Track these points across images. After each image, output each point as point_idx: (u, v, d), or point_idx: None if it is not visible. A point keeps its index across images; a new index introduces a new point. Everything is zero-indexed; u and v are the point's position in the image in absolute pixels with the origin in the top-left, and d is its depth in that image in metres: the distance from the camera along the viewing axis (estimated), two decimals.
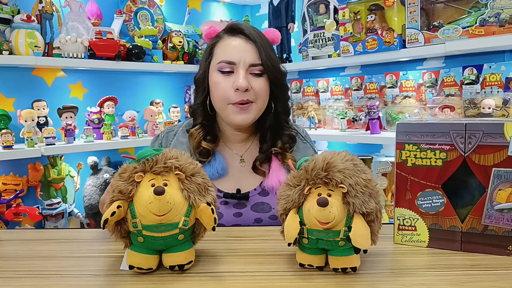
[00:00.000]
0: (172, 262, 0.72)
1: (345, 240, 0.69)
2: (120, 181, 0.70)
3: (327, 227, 0.67)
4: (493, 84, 1.77)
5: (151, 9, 2.53)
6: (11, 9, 1.89)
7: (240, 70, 1.05)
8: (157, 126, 2.33)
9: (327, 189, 0.69)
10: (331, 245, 0.70)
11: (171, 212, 0.68)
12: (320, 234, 0.69)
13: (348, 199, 0.68)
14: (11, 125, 1.92)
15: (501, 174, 0.77)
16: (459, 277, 0.69)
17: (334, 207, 0.66)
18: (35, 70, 2.12)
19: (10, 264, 0.79)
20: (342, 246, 0.70)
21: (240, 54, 1.05)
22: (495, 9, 1.61)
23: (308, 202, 0.70)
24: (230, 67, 1.06)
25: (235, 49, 1.06)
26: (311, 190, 0.70)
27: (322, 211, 0.66)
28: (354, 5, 2.06)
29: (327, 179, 0.68)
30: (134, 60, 2.24)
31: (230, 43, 1.08)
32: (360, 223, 0.68)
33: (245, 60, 1.05)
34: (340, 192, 0.68)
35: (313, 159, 0.71)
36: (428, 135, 0.81)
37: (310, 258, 0.73)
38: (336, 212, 0.66)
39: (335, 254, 0.71)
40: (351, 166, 0.69)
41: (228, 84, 1.05)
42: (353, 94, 2.28)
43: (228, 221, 1.08)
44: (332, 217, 0.66)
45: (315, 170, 0.69)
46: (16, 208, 1.86)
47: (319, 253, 0.72)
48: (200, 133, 1.12)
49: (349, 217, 0.68)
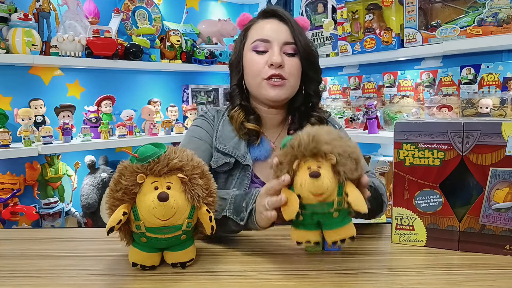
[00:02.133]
0: (174, 259, 0.73)
1: (339, 210, 0.70)
2: (124, 181, 0.70)
3: (321, 198, 0.68)
4: (490, 84, 1.78)
5: (149, 7, 2.52)
6: (8, 7, 1.88)
7: (274, 48, 1.07)
8: (154, 125, 2.33)
9: (316, 161, 0.69)
10: (326, 218, 0.71)
11: (175, 216, 0.68)
12: (315, 207, 0.70)
13: (338, 169, 0.69)
14: (8, 124, 1.92)
15: (498, 173, 0.77)
16: (457, 276, 0.70)
17: (326, 178, 0.67)
18: (32, 68, 2.11)
19: (7, 263, 0.79)
20: (336, 217, 0.71)
21: (274, 32, 1.09)
22: (492, 9, 1.61)
23: (298, 177, 0.70)
24: (265, 46, 1.08)
25: (269, 28, 1.10)
26: (300, 165, 0.70)
27: (316, 183, 0.67)
28: (352, 5, 2.07)
29: (316, 151, 0.69)
30: (132, 59, 2.23)
31: (264, 24, 1.11)
32: (354, 188, 0.70)
33: (279, 38, 1.08)
34: (329, 163, 0.69)
35: (296, 136, 0.72)
36: (426, 135, 0.81)
37: (306, 234, 0.73)
38: (328, 183, 0.67)
39: (331, 227, 0.72)
40: (337, 137, 0.71)
41: (263, 61, 1.08)
42: (351, 94, 2.28)
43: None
44: (326, 188, 0.67)
45: (302, 145, 0.70)
46: (13, 207, 1.85)
47: (314, 228, 0.73)
48: (241, 114, 1.13)
49: (340, 186, 0.69)
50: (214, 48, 2.66)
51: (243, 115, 1.13)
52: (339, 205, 0.69)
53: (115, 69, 2.30)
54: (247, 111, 1.14)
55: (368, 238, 0.90)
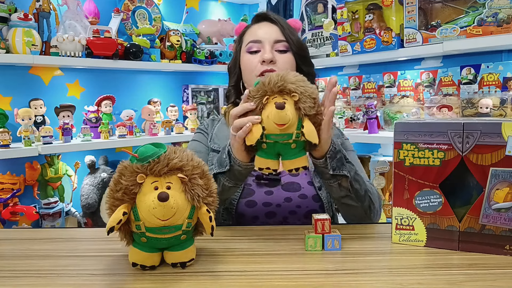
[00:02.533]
0: (174, 259, 0.73)
1: (296, 142, 0.82)
2: (124, 181, 0.70)
3: (283, 128, 0.79)
4: (490, 84, 1.78)
5: (149, 7, 2.53)
6: (8, 7, 1.88)
7: (266, 46, 1.14)
8: (154, 125, 2.33)
9: (282, 98, 0.81)
10: (285, 148, 0.83)
11: (175, 216, 0.68)
12: (277, 137, 0.81)
13: (299, 105, 0.81)
14: (8, 124, 1.92)
15: (498, 173, 0.77)
16: (457, 276, 0.70)
17: (289, 111, 0.78)
18: (32, 68, 2.11)
19: (7, 263, 0.79)
20: (294, 148, 0.83)
21: (265, 33, 1.16)
22: (492, 9, 1.61)
23: (266, 110, 0.81)
24: (257, 46, 1.15)
25: (260, 30, 1.18)
26: (268, 99, 0.81)
27: (280, 113, 0.77)
28: (352, 5, 2.07)
29: (282, 88, 0.80)
30: (132, 59, 2.23)
31: (256, 28, 1.20)
32: (309, 123, 0.82)
33: (269, 38, 1.15)
34: (292, 100, 0.81)
35: (268, 75, 0.83)
36: (426, 135, 0.81)
37: (267, 161, 0.85)
38: (290, 115, 0.78)
39: (288, 157, 0.84)
40: (301, 80, 0.83)
41: (255, 60, 1.15)
42: (351, 94, 2.28)
43: (259, 199, 1.11)
44: (288, 119, 0.78)
45: (271, 82, 0.81)
46: (13, 207, 1.85)
47: (275, 157, 0.85)
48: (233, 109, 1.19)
49: (300, 121, 0.81)
50: (214, 48, 2.66)
51: None
52: (297, 137, 0.81)
53: (115, 69, 2.30)
54: None
55: (368, 238, 0.90)
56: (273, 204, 1.11)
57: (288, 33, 1.16)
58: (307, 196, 1.12)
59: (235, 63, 1.23)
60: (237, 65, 1.22)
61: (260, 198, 1.11)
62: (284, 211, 1.11)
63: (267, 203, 1.11)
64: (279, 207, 1.10)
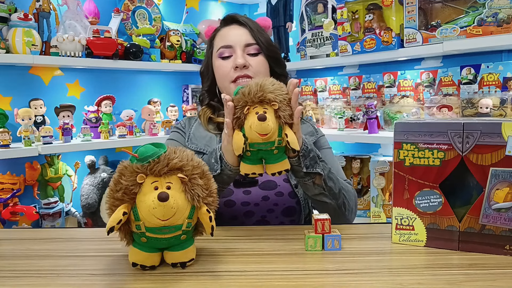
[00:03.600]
0: (174, 259, 0.73)
1: (278, 148, 0.86)
2: (124, 181, 0.70)
3: (265, 138, 0.83)
4: (490, 84, 1.78)
5: (149, 7, 2.52)
6: (8, 7, 1.88)
7: (237, 51, 1.14)
8: (154, 125, 2.33)
9: (263, 107, 0.84)
10: (268, 154, 0.87)
11: (175, 216, 0.68)
12: (260, 145, 0.85)
13: (279, 113, 0.85)
14: (8, 124, 1.92)
15: (498, 173, 0.77)
16: (457, 276, 0.70)
17: (270, 121, 0.82)
18: (32, 68, 2.11)
19: (7, 263, 0.79)
20: (276, 154, 0.87)
21: (235, 37, 1.16)
22: (492, 9, 1.61)
23: (248, 120, 0.84)
24: (229, 51, 1.16)
25: (230, 34, 1.17)
26: (249, 110, 0.84)
27: (262, 124, 0.81)
28: (352, 5, 2.06)
29: (262, 98, 0.84)
30: (132, 59, 2.23)
31: (226, 31, 1.19)
32: (291, 131, 0.86)
33: (240, 42, 1.15)
34: (272, 109, 0.84)
35: (247, 85, 0.86)
36: (426, 135, 0.81)
37: (252, 167, 0.89)
38: (272, 125, 0.82)
39: (271, 162, 0.89)
40: (279, 87, 0.86)
41: (228, 65, 1.15)
42: (351, 94, 2.28)
43: (238, 198, 1.13)
44: (270, 129, 0.82)
45: (251, 93, 0.84)
46: (13, 207, 1.85)
47: (258, 163, 0.89)
48: (207, 111, 1.22)
49: (280, 128, 0.85)
50: None
51: (210, 112, 1.22)
52: (279, 144, 0.85)
53: (115, 69, 2.30)
54: (215, 108, 1.23)
55: (368, 238, 0.90)
56: (251, 203, 1.12)
57: (258, 36, 1.16)
58: (283, 194, 1.13)
59: (208, 68, 1.23)
60: (209, 69, 1.22)
61: (238, 198, 1.12)
62: (262, 209, 1.12)
63: (246, 202, 1.12)
64: (257, 206, 1.12)
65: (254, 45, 1.16)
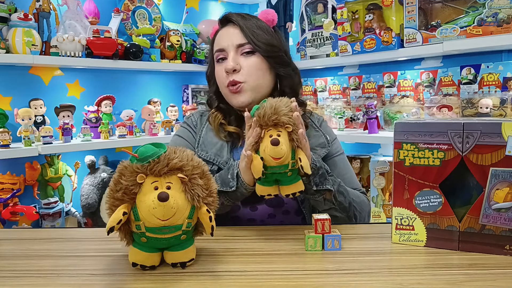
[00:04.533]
0: (174, 259, 0.73)
1: (292, 170, 0.87)
2: (124, 181, 0.70)
3: (279, 161, 0.83)
4: (490, 84, 1.78)
5: (149, 7, 2.52)
6: (8, 7, 1.88)
7: (230, 53, 1.10)
8: (154, 125, 2.33)
9: (277, 130, 0.85)
10: (282, 176, 0.88)
11: (175, 216, 0.68)
12: (274, 168, 0.85)
13: (293, 136, 0.85)
14: (8, 124, 1.92)
15: (498, 173, 0.77)
16: (457, 276, 0.70)
17: (284, 145, 0.83)
18: (32, 68, 2.11)
19: (7, 263, 0.79)
20: (290, 176, 0.88)
21: (227, 39, 1.11)
22: (492, 9, 1.61)
23: (262, 143, 0.85)
24: (223, 54, 1.11)
25: (223, 36, 1.13)
26: (264, 132, 0.85)
27: (276, 149, 0.82)
28: (352, 5, 2.06)
29: (277, 121, 0.84)
30: (132, 59, 2.23)
31: (221, 33, 1.15)
32: (304, 155, 0.86)
33: (232, 43, 1.10)
34: (286, 131, 0.85)
35: (263, 107, 0.86)
36: (426, 135, 0.81)
37: (267, 189, 0.90)
38: (285, 148, 0.83)
39: (286, 183, 0.89)
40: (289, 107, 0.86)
41: (222, 70, 1.11)
42: (351, 94, 2.28)
43: (244, 214, 1.10)
44: (283, 153, 0.82)
45: (266, 116, 0.85)
46: (13, 207, 1.85)
47: (273, 184, 0.90)
48: (218, 115, 1.16)
49: (293, 151, 0.86)
50: None
51: (221, 116, 1.15)
52: (292, 166, 0.86)
53: (115, 69, 2.30)
54: (226, 113, 1.16)
55: (368, 238, 0.90)
56: (257, 220, 1.10)
57: (250, 34, 1.08)
58: (290, 212, 1.11)
59: (212, 72, 1.18)
60: (213, 73, 1.18)
61: (245, 214, 1.10)
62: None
63: (252, 219, 1.10)
64: (262, 223, 1.10)
65: (247, 45, 1.09)
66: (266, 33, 1.11)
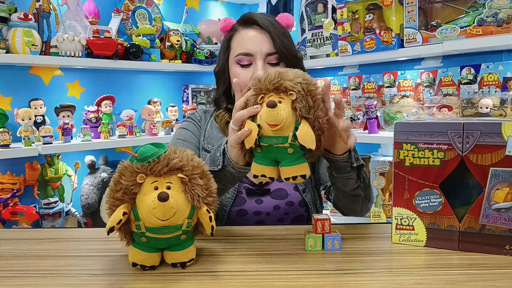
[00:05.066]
0: (174, 259, 0.73)
1: (294, 146, 0.74)
2: (124, 181, 0.70)
3: (276, 129, 0.72)
4: (490, 84, 1.78)
5: (149, 7, 2.52)
6: (8, 7, 1.88)
7: (258, 61, 1.06)
8: (154, 125, 2.33)
9: (278, 96, 0.74)
10: (281, 153, 0.75)
11: (175, 216, 0.68)
12: (271, 140, 0.74)
13: (296, 105, 0.73)
14: (8, 124, 1.92)
15: (498, 173, 0.77)
16: (457, 276, 0.70)
17: (282, 110, 0.71)
18: (32, 68, 2.11)
19: (7, 263, 0.79)
20: (291, 153, 0.75)
21: (256, 45, 1.07)
22: (493, 9, 1.61)
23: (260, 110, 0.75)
24: (248, 60, 1.08)
25: (250, 40, 1.08)
26: (263, 98, 0.75)
27: (271, 112, 0.71)
28: (352, 5, 2.06)
29: (278, 86, 0.74)
30: (132, 59, 2.23)
31: (245, 35, 1.09)
32: (306, 126, 0.73)
33: (261, 51, 1.06)
34: (289, 99, 0.73)
35: (266, 72, 0.77)
36: (426, 135, 0.81)
37: (263, 168, 0.77)
38: (284, 115, 0.71)
39: (285, 164, 0.76)
40: (301, 75, 0.75)
41: (248, 75, 1.07)
42: (351, 94, 2.28)
43: (250, 207, 1.12)
44: (281, 119, 0.71)
45: (267, 79, 0.75)
46: (13, 207, 1.85)
47: (271, 164, 0.77)
48: (225, 115, 1.15)
49: (297, 123, 0.73)
50: (214, 48, 2.66)
51: (228, 116, 1.15)
52: (293, 141, 0.73)
53: (115, 69, 2.30)
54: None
55: (368, 238, 0.90)
56: (263, 212, 1.12)
57: (279, 44, 1.06)
58: (294, 203, 1.13)
59: (224, 70, 1.15)
60: (226, 72, 1.14)
61: (250, 207, 1.12)
62: (273, 219, 1.12)
63: (258, 212, 1.12)
64: (268, 215, 1.11)
65: (275, 55, 1.07)
66: (290, 42, 1.10)
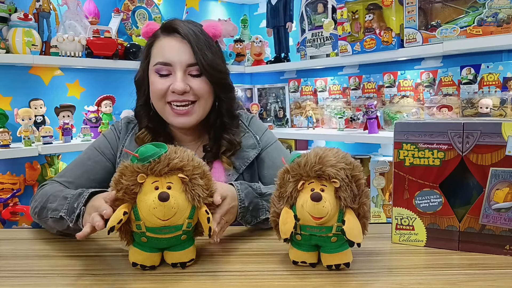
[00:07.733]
0: (174, 259, 0.73)
1: (338, 235, 0.70)
2: (124, 181, 0.70)
3: (320, 222, 0.68)
4: (490, 84, 1.78)
5: (149, 7, 2.52)
6: (8, 7, 1.88)
7: (177, 72, 1.01)
8: None
9: (320, 184, 0.69)
10: (323, 241, 0.71)
11: (175, 216, 0.68)
12: (314, 230, 0.69)
13: (340, 194, 0.68)
14: (8, 124, 1.91)
15: (498, 173, 0.77)
16: (457, 276, 0.70)
17: (327, 202, 0.67)
18: (32, 68, 2.11)
19: (7, 263, 0.79)
20: (334, 242, 0.70)
21: (175, 55, 1.01)
22: (492, 9, 1.61)
23: (301, 197, 0.70)
24: (167, 69, 1.02)
25: (170, 50, 1.02)
26: (304, 185, 0.70)
27: (316, 206, 0.66)
28: (352, 5, 2.06)
29: (321, 173, 0.68)
30: (132, 59, 2.23)
31: (165, 43, 1.04)
32: (352, 217, 0.69)
33: (181, 61, 1.01)
34: (333, 187, 0.68)
35: (305, 155, 0.71)
36: (426, 135, 0.81)
37: (303, 254, 0.73)
38: (329, 207, 0.67)
39: (327, 251, 0.72)
40: (343, 161, 0.70)
41: (166, 85, 1.02)
42: (351, 94, 2.28)
43: None
44: (326, 212, 0.66)
45: (307, 165, 0.69)
46: (13, 207, 1.85)
47: (312, 249, 0.73)
48: (147, 136, 1.09)
49: (341, 212, 0.69)
50: None
51: (150, 137, 1.09)
52: (337, 230, 0.69)
53: (115, 69, 2.29)
54: (155, 133, 1.10)
55: (368, 238, 0.90)
56: None
57: (200, 56, 1.00)
58: None
59: (144, 79, 1.09)
60: (145, 81, 1.08)
61: None
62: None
63: None
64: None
65: (196, 66, 1.01)
66: (215, 54, 1.04)
